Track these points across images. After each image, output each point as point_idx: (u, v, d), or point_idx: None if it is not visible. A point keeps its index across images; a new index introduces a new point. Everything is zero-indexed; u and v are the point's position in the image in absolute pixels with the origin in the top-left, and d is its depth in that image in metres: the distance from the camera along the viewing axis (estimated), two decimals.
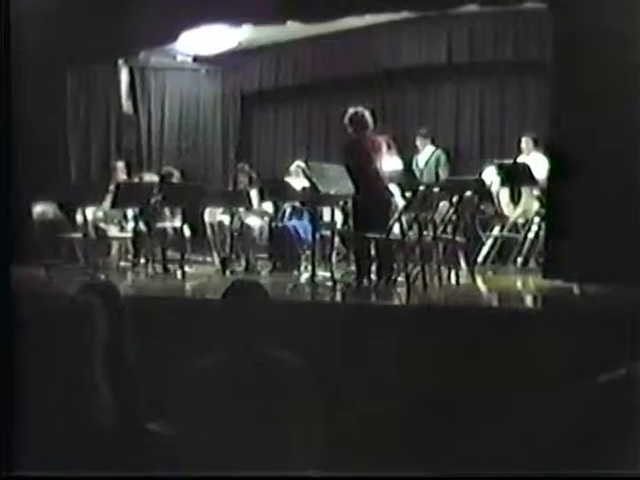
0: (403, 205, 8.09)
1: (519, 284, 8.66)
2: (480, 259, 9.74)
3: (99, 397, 2.74)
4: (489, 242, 9.96)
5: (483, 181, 9.39)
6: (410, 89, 12.33)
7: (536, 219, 9.40)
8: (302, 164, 9.91)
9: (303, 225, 9.74)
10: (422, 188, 8.17)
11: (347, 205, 9.24)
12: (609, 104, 6.70)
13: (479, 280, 8.77)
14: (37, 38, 8.69)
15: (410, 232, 7.77)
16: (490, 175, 9.62)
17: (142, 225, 9.98)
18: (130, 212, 10.23)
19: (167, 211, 10.27)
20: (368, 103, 8.83)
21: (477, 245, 9.73)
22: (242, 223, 10.11)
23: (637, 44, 6.51)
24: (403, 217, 7.78)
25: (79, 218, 9.67)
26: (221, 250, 10.27)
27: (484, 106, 11.81)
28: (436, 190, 8.51)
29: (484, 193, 9.31)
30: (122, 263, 10.42)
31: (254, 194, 10.07)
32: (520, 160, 9.91)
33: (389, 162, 8.85)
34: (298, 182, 9.46)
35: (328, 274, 8.31)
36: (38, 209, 9.52)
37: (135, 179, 11.26)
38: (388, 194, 8.32)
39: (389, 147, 9.06)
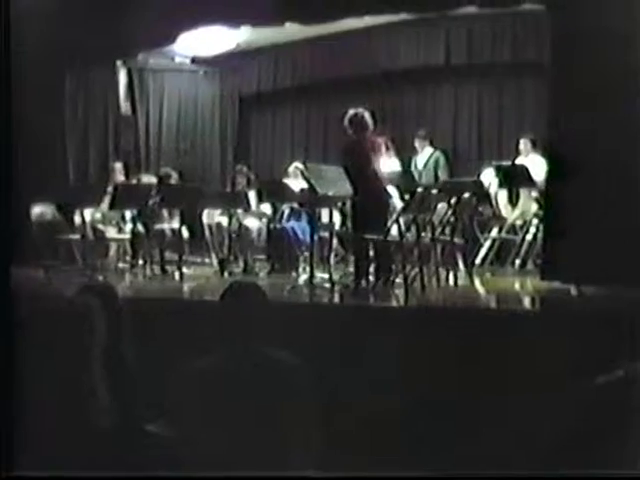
0: (401, 207, 8.09)
1: (517, 285, 8.66)
2: (478, 260, 9.74)
3: (98, 398, 2.74)
4: (487, 243, 9.95)
5: (481, 183, 9.39)
6: (408, 90, 12.32)
7: (534, 221, 9.40)
8: (300, 165, 9.92)
9: (301, 226, 9.73)
10: (420, 190, 8.16)
11: (345, 206, 9.25)
12: (607, 105, 6.69)
13: (477, 281, 8.78)
14: (36, 40, 8.67)
15: (408, 233, 7.78)
16: (488, 177, 9.62)
17: (140, 226, 10.00)
18: (128, 213, 10.24)
19: (165, 212, 10.28)
20: (366, 104, 8.81)
21: (475, 246, 9.72)
22: (240, 224, 10.11)
23: (635, 45, 6.51)
24: (401, 218, 7.79)
25: (77, 219, 9.69)
26: (219, 251, 10.27)
27: (482, 107, 11.80)
28: (434, 192, 8.51)
29: (482, 195, 9.33)
30: (120, 264, 10.43)
31: (252, 195, 10.07)
32: (518, 162, 9.90)
33: (387, 163, 8.85)
34: (296, 183, 9.46)
35: (326, 275, 8.32)
36: (36, 210, 9.52)
37: (133, 180, 11.26)
38: (387, 195, 8.33)
39: (387, 148, 9.06)
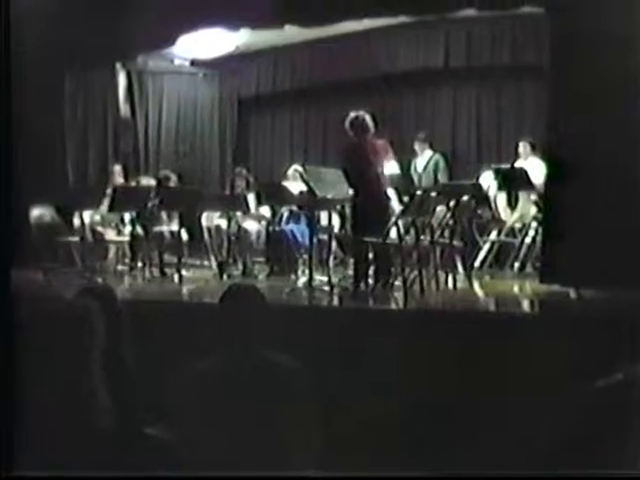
0: (400, 209, 8.10)
1: (516, 288, 8.65)
2: (477, 263, 9.73)
3: (97, 399, 2.74)
4: (486, 246, 9.95)
5: (480, 185, 9.41)
6: (407, 93, 12.30)
7: (533, 224, 9.39)
8: (299, 168, 9.92)
9: (300, 229, 9.72)
10: (419, 192, 8.17)
11: (344, 209, 9.25)
12: (607, 108, 6.69)
13: (476, 284, 8.78)
14: (36, 42, 8.69)
15: (407, 236, 7.78)
16: (487, 180, 9.62)
17: (139, 229, 10.00)
18: (127, 216, 10.24)
19: (164, 215, 10.27)
20: (365, 107, 8.81)
21: (474, 249, 9.72)
22: (239, 227, 10.11)
23: (635, 48, 6.51)
24: (400, 221, 7.79)
25: (76, 222, 9.70)
26: (218, 254, 10.27)
27: (481, 110, 11.79)
28: (433, 194, 8.51)
29: (481, 198, 9.33)
30: (119, 267, 10.43)
31: (251, 198, 10.07)
32: (517, 165, 9.91)
33: (386, 166, 8.85)
34: (295, 186, 9.47)
35: (325, 278, 8.32)
36: (36, 213, 9.52)
37: (132, 183, 11.26)
38: (387, 198, 8.33)
39: (386, 151, 9.05)
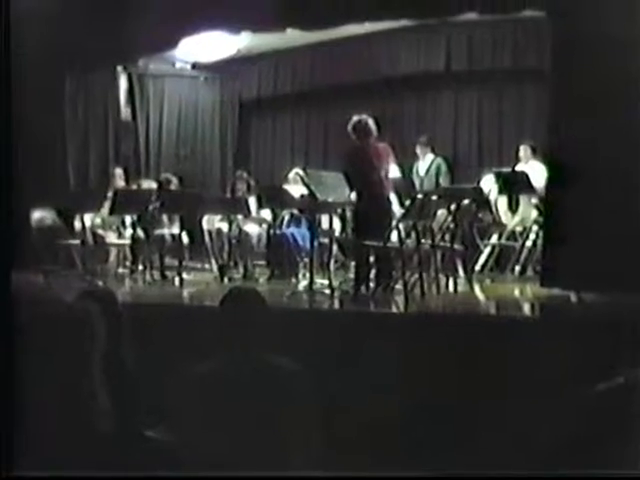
0: (401, 213, 8.10)
1: (517, 292, 8.65)
2: (478, 267, 9.73)
3: (97, 401, 2.74)
4: (487, 250, 9.95)
5: (481, 189, 9.41)
6: (408, 97, 12.32)
7: (534, 227, 9.39)
8: (300, 171, 9.91)
9: (301, 232, 9.72)
10: (420, 196, 8.17)
11: (345, 212, 9.25)
12: (608, 112, 6.69)
13: (477, 288, 8.78)
14: (36, 44, 8.69)
15: (408, 240, 7.78)
16: (488, 183, 9.63)
17: (140, 232, 10.00)
18: (128, 219, 10.24)
19: (165, 218, 10.27)
20: (366, 111, 8.81)
21: (475, 253, 9.72)
22: (240, 230, 10.11)
23: (636, 52, 6.51)
24: (401, 225, 7.79)
25: (77, 224, 9.69)
26: (219, 257, 10.26)
27: (483, 114, 11.80)
28: (434, 198, 8.51)
29: (482, 201, 9.34)
30: (120, 270, 10.42)
31: (252, 201, 10.07)
32: (518, 168, 9.91)
33: (389, 170, 8.84)
34: (296, 189, 9.46)
35: (326, 282, 8.31)
36: (36, 215, 9.51)
37: (133, 186, 11.26)
38: (389, 202, 8.33)
39: (388, 155, 9.05)
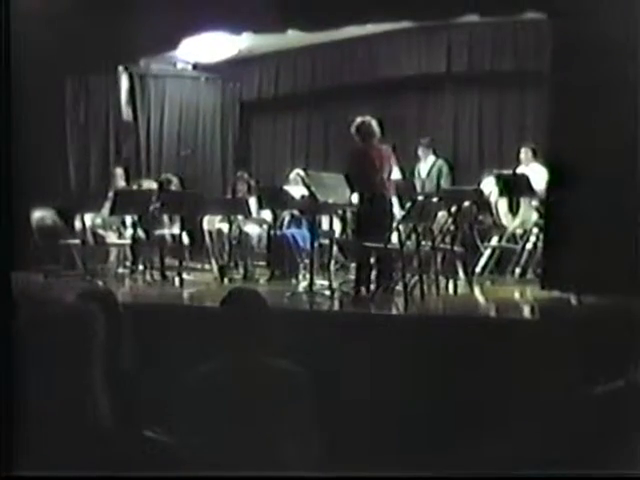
0: (401, 215, 8.10)
1: (517, 294, 8.65)
2: (478, 269, 9.72)
3: (97, 401, 2.74)
4: (487, 252, 9.94)
5: (481, 191, 9.41)
6: (409, 98, 12.32)
7: (534, 230, 9.38)
8: (301, 172, 9.92)
9: (301, 233, 9.72)
10: (420, 198, 8.17)
11: (346, 214, 9.25)
12: (608, 115, 6.69)
13: (477, 290, 8.78)
14: (37, 45, 8.68)
15: (408, 242, 7.78)
16: (489, 185, 9.62)
17: (140, 232, 10.00)
18: (129, 219, 10.24)
19: (166, 218, 10.28)
20: (368, 112, 8.82)
21: (475, 255, 9.71)
22: (241, 231, 10.10)
23: (636, 55, 6.51)
24: (401, 226, 7.80)
25: (78, 224, 9.68)
26: (219, 258, 10.26)
27: (483, 116, 11.80)
28: (434, 200, 8.51)
29: (482, 203, 9.34)
30: (120, 270, 10.41)
31: (253, 202, 10.06)
32: (519, 171, 9.91)
33: (391, 171, 8.85)
34: (297, 190, 9.46)
35: (326, 283, 8.32)
36: (37, 215, 9.50)
37: (134, 186, 11.25)
38: (390, 203, 8.33)
39: (389, 156, 9.06)
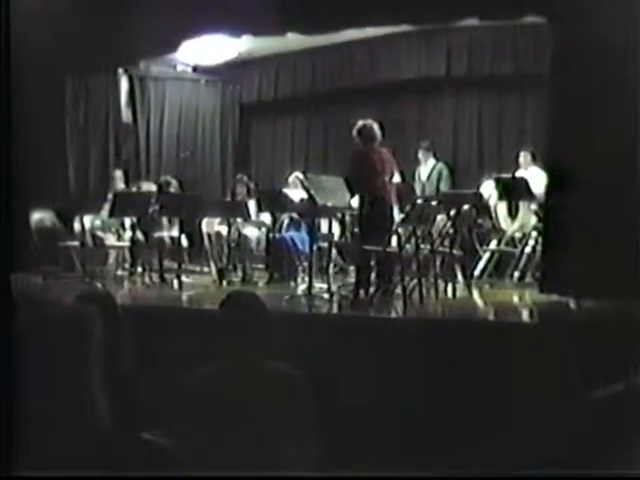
0: (400, 218, 8.10)
1: (516, 298, 8.65)
2: (477, 272, 9.73)
3: (96, 402, 2.75)
4: (486, 256, 9.94)
5: (481, 195, 9.41)
6: (409, 102, 12.32)
7: (533, 233, 9.39)
8: (300, 175, 9.91)
9: (301, 236, 9.72)
10: (420, 201, 8.17)
11: (345, 217, 9.25)
12: (608, 119, 6.69)
13: (476, 293, 8.78)
14: (37, 46, 8.68)
15: (408, 245, 7.78)
16: (488, 189, 9.63)
17: (139, 234, 10.00)
18: (128, 221, 10.24)
19: (165, 220, 10.28)
20: (367, 115, 8.82)
21: (474, 259, 9.72)
22: (240, 234, 10.11)
23: (636, 58, 6.51)
24: (401, 230, 7.80)
25: (77, 226, 9.69)
26: (218, 260, 10.26)
27: (483, 119, 11.80)
28: (434, 203, 8.52)
29: (482, 207, 9.34)
30: (119, 272, 10.41)
31: (252, 205, 10.06)
32: (518, 174, 9.91)
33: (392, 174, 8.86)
34: (296, 193, 9.47)
35: (325, 286, 8.31)
36: (36, 217, 9.50)
37: (133, 188, 11.26)
38: (391, 206, 8.33)
39: (389, 159, 9.07)
